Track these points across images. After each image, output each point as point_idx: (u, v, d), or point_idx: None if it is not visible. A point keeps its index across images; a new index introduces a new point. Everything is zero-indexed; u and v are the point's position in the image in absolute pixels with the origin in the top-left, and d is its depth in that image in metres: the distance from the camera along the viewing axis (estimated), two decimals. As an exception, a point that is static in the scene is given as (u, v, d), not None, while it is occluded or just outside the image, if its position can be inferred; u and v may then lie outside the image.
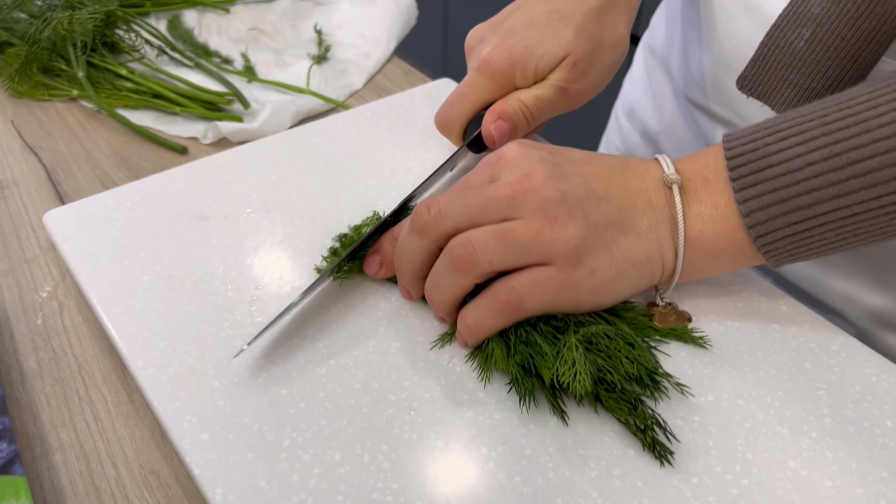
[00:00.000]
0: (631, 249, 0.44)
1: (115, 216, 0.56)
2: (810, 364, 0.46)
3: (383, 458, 0.40)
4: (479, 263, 0.43)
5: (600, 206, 0.44)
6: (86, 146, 0.67)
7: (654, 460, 0.40)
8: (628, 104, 0.80)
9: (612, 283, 0.44)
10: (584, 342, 0.43)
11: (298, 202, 0.58)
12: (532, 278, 0.43)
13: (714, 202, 0.45)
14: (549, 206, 0.43)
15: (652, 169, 0.46)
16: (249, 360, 0.45)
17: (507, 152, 0.46)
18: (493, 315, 0.43)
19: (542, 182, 0.43)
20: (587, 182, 0.44)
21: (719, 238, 0.45)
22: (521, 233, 0.42)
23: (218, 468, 0.40)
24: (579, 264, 0.43)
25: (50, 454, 0.43)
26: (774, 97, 0.50)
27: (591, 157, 0.47)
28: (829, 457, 0.41)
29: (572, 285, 0.43)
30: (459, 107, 0.57)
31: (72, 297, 0.53)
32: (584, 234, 0.43)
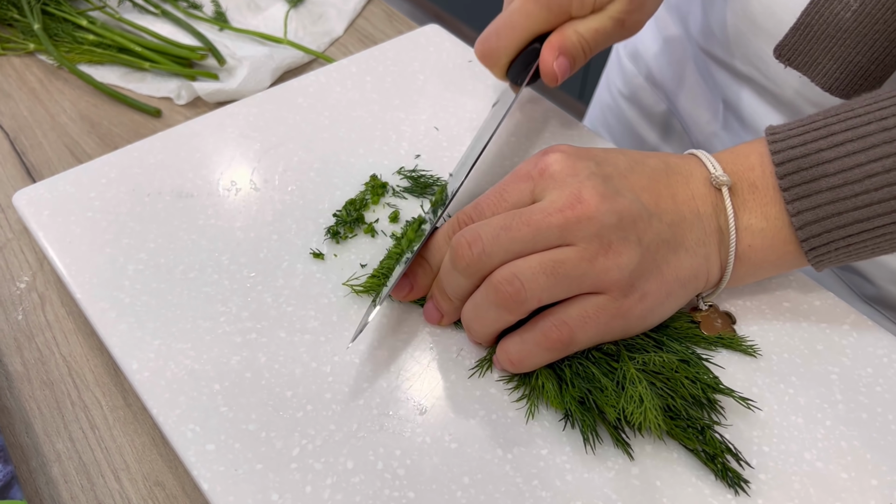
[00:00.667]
0: (680, 267, 0.42)
1: (91, 196, 0.52)
2: (822, 346, 0.45)
3: (397, 465, 0.39)
4: (526, 301, 0.40)
5: (652, 224, 0.41)
6: (50, 109, 0.63)
7: (724, 486, 0.39)
8: (631, 45, 0.76)
9: (661, 305, 0.42)
10: (643, 371, 0.41)
11: (286, 174, 0.55)
12: (583, 311, 0.40)
13: (764, 213, 0.42)
14: (604, 231, 0.39)
15: (695, 171, 0.44)
16: (250, 358, 0.43)
17: (552, 165, 0.42)
18: (540, 351, 0.41)
19: (596, 206, 0.40)
20: (638, 198, 0.41)
21: (769, 252, 0.43)
22: (574, 264, 0.39)
23: (227, 481, 0.39)
24: (631, 291, 0.40)
25: (47, 467, 0.41)
26: (815, 69, 0.47)
27: (634, 163, 0.43)
28: (844, 447, 0.41)
29: (623, 314, 0.41)
30: (509, 37, 0.52)
31: (52, 287, 0.50)
32: (639, 259, 0.40)
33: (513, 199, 0.42)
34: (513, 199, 0.42)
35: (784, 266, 0.44)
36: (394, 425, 0.41)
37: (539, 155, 0.43)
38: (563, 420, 0.41)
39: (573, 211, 0.39)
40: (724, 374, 0.43)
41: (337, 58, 0.69)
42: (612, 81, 0.82)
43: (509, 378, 0.43)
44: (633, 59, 0.77)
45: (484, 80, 0.63)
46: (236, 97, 0.63)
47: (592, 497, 0.38)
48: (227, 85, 0.63)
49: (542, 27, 0.52)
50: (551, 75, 0.51)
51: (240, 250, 0.49)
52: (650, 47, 0.74)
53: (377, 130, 0.58)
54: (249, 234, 0.50)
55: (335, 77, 0.63)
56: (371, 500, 0.38)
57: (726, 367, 0.44)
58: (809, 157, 0.41)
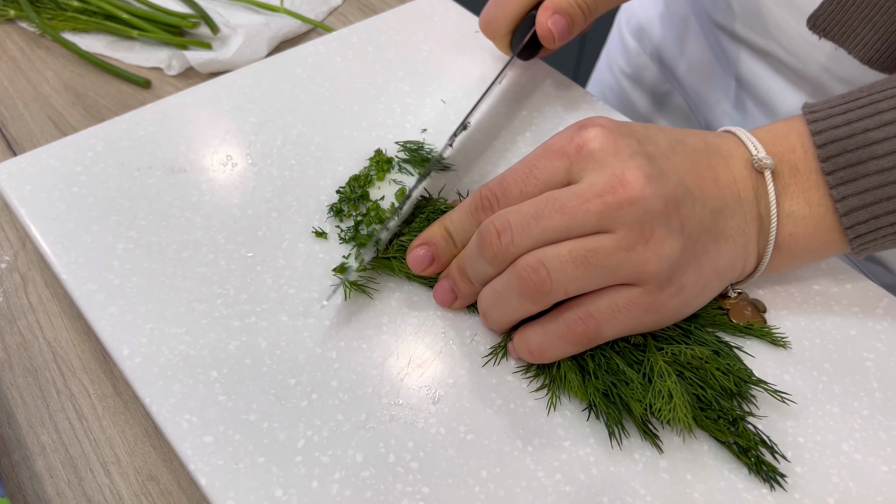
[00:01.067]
0: (718, 257, 0.39)
1: (77, 170, 0.49)
2: (855, 332, 0.43)
3: (410, 458, 0.37)
4: (552, 292, 0.37)
5: (696, 210, 0.38)
6: (32, 79, 0.59)
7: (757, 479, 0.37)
8: (635, 22, 0.73)
9: (696, 297, 0.39)
10: (672, 363, 0.38)
11: (285, 149, 0.51)
12: (612, 304, 0.37)
13: (807, 199, 0.40)
14: (647, 217, 0.36)
15: (735, 151, 0.41)
16: (250, 343, 0.40)
17: (591, 141, 0.38)
18: (562, 344, 0.38)
19: (640, 189, 0.36)
20: (682, 180, 0.38)
21: (810, 240, 0.40)
22: (608, 253, 0.36)
23: (227, 476, 0.36)
24: (668, 284, 0.37)
25: (31, 460, 0.38)
26: (854, 40, 0.44)
27: (675, 142, 0.40)
28: (883, 437, 0.39)
29: (657, 308, 0.37)
30: (506, 6, 0.50)
31: (35, 267, 0.47)
32: (681, 250, 0.37)
33: (544, 177, 0.39)
34: (544, 178, 0.38)
35: (824, 254, 0.41)
36: (405, 415, 0.38)
37: (575, 129, 0.39)
38: (587, 411, 0.39)
39: (614, 195, 0.36)
40: (753, 362, 0.41)
41: (336, 27, 0.65)
42: (614, 59, 0.79)
43: (527, 368, 0.40)
44: (637, 37, 0.74)
45: (492, 52, 0.59)
46: (231, 67, 0.60)
47: (620, 492, 0.36)
48: (222, 54, 0.59)
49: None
50: (547, 35, 0.48)
51: (237, 228, 0.46)
52: (656, 23, 0.71)
53: (381, 103, 0.55)
54: (247, 211, 0.47)
55: (335, 47, 0.60)
56: (383, 496, 0.35)
57: (756, 356, 0.41)
58: (855, 138, 0.37)
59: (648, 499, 0.36)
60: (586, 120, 0.39)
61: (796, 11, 0.51)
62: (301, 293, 0.43)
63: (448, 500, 0.35)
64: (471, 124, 0.47)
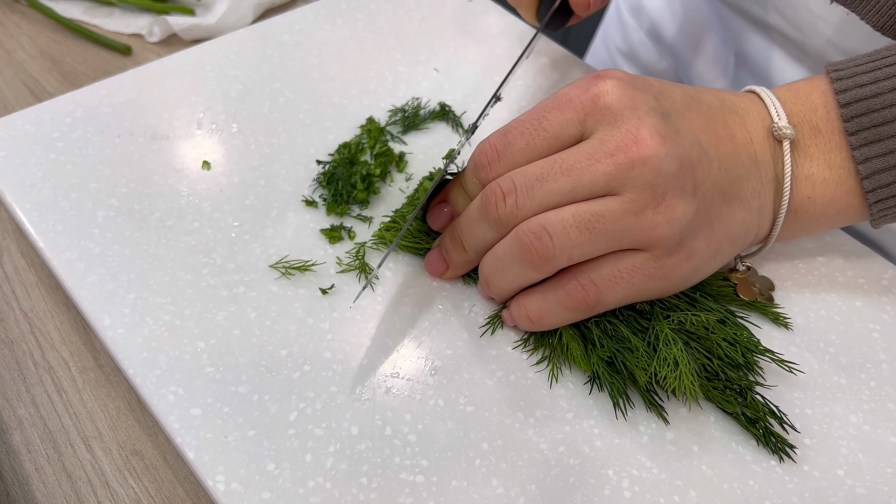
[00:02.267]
0: (731, 221, 0.37)
1: (55, 136, 0.47)
2: (861, 302, 0.42)
3: (408, 430, 0.35)
4: (554, 259, 0.35)
5: (710, 170, 0.36)
6: (6, 45, 0.56)
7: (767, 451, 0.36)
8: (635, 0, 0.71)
9: (706, 263, 0.37)
10: (678, 331, 0.37)
11: (272, 116, 0.50)
12: (616, 270, 0.35)
13: (827, 160, 0.38)
14: (660, 179, 0.34)
15: (752, 110, 0.39)
16: (238, 313, 0.39)
17: (608, 94, 0.35)
18: (562, 311, 0.36)
19: (655, 148, 0.34)
20: (697, 139, 0.36)
21: (829, 205, 0.38)
22: (614, 217, 0.34)
23: (216, 450, 0.34)
24: (677, 249, 0.35)
25: (7, 435, 0.36)
26: (866, 6, 0.43)
27: (690, 99, 0.38)
28: (891, 409, 0.38)
29: (664, 275, 0.36)
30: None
31: (10, 236, 0.45)
32: (693, 213, 0.35)
33: (554, 129, 0.36)
34: (554, 130, 0.36)
35: (841, 221, 0.40)
36: (402, 387, 0.37)
37: (590, 79, 0.36)
38: (589, 383, 0.37)
39: (627, 154, 0.34)
40: (758, 333, 0.40)
41: (324, -4, 0.63)
42: (610, 37, 0.78)
43: (526, 340, 0.39)
44: (635, 14, 0.73)
45: (486, 20, 0.58)
46: (215, 34, 0.57)
47: (625, 464, 0.35)
48: (205, 20, 0.57)
49: None
50: (583, 3, 0.45)
51: (223, 197, 0.44)
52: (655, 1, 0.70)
53: (371, 71, 0.53)
54: (233, 179, 0.45)
55: (323, 14, 0.58)
56: (380, 470, 0.34)
57: (762, 327, 0.40)
58: (881, 98, 0.36)
59: (655, 471, 0.35)
60: (602, 71, 0.37)
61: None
62: (292, 263, 0.41)
63: (448, 473, 0.34)
64: (502, 97, 0.44)
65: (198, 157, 0.46)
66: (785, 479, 0.35)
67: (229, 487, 0.33)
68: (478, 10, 0.58)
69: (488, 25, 0.57)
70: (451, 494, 0.33)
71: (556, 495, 0.34)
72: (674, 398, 0.37)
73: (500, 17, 0.58)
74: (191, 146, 0.47)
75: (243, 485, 0.33)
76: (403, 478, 0.34)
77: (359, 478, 0.34)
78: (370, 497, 0.33)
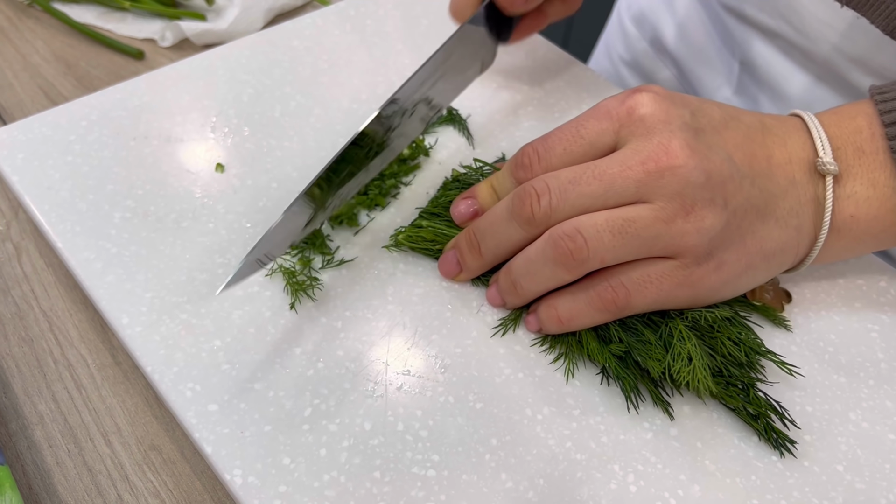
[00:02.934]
0: (766, 238, 0.38)
1: (71, 139, 0.48)
2: (860, 304, 0.43)
3: (419, 426, 0.36)
4: (588, 261, 0.36)
5: (742, 186, 0.37)
6: (21, 49, 0.58)
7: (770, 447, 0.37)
8: (637, 8, 0.72)
9: (738, 278, 0.38)
10: (691, 328, 0.38)
11: (283, 119, 0.51)
12: (645, 275, 0.37)
13: (871, 179, 0.39)
14: (688, 190, 0.35)
15: (794, 133, 0.40)
16: (253, 312, 0.40)
17: (643, 106, 0.37)
18: (591, 311, 0.38)
19: (684, 159, 0.35)
20: (730, 156, 0.37)
21: (873, 223, 0.39)
22: (646, 224, 0.35)
23: (233, 445, 0.35)
24: (707, 259, 0.36)
25: (28, 430, 0.37)
26: (877, 9, 0.44)
27: (729, 118, 0.39)
28: (890, 407, 0.39)
29: (692, 283, 0.37)
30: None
31: (29, 237, 0.46)
32: (723, 225, 0.36)
33: (590, 137, 0.38)
34: (590, 138, 0.38)
35: (886, 241, 0.40)
36: (413, 384, 0.38)
37: (627, 93, 0.38)
38: (600, 374, 0.38)
39: (657, 164, 0.35)
40: (761, 332, 0.41)
41: (333, 1, 0.64)
42: (613, 47, 0.79)
43: (542, 339, 0.40)
44: (638, 23, 0.74)
45: (492, 26, 0.59)
46: (226, 38, 0.58)
47: (631, 459, 0.36)
48: (217, 25, 0.58)
49: None
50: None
51: (237, 199, 0.45)
52: (657, 9, 0.71)
53: (380, 76, 0.54)
54: (246, 181, 0.46)
55: (333, 20, 0.59)
56: (392, 464, 0.35)
57: (763, 327, 0.41)
58: None
59: (660, 466, 0.36)
60: (640, 86, 0.38)
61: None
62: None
63: (458, 467, 0.35)
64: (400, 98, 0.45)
65: (211, 159, 0.47)
66: (786, 475, 0.36)
67: (246, 481, 0.34)
68: (484, 16, 0.59)
69: (494, 31, 0.58)
70: (461, 488, 0.34)
71: (564, 489, 0.35)
72: (678, 396, 0.38)
73: (505, 22, 0.59)
74: (204, 149, 0.48)
75: (260, 478, 0.34)
76: (415, 472, 0.35)
77: (372, 472, 0.35)
78: (383, 490, 0.34)
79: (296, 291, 0.40)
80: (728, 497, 0.35)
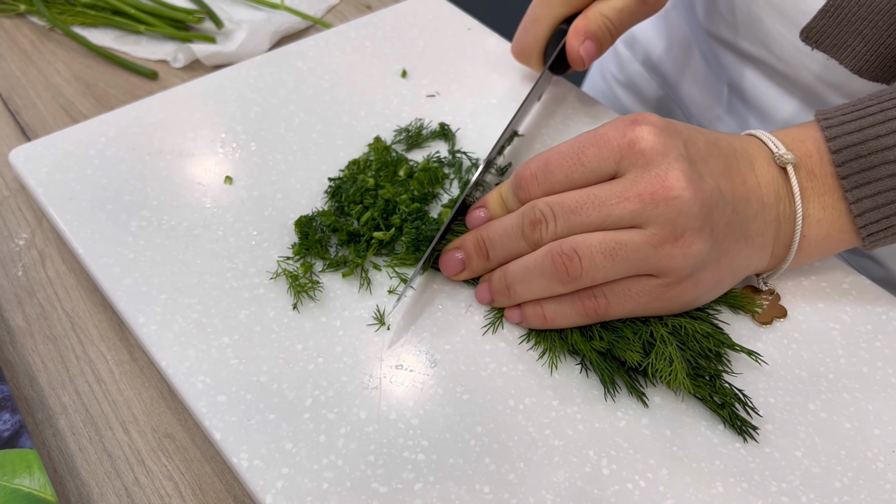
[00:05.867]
0: (737, 256, 0.42)
1: (91, 154, 0.52)
2: (823, 304, 0.46)
3: (411, 415, 0.40)
4: (581, 278, 0.40)
5: (725, 212, 0.40)
6: (43, 70, 0.62)
7: (734, 432, 0.40)
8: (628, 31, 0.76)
9: (709, 292, 0.42)
10: (671, 331, 0.41)
11: (288, 135, 0.54)
12: (627, 289, 0.40)
13: (822, 202, 0.42)
14: (681, 218, 0.38)
15: (758, 154, 0.43)
16: (259, 312, 0.43)
17: (643, 139, 0.39)
18: (573, 315, 0.41)
19: (680, 191, 0.38)
20: (717, 184, 0.40)
21: (823, 242, 0.43)
22: (636, 247, 0.39)
23: (239, 432, 0.38)
24: (687, 279, 0.40)
25: (53, 419, 0.41)
26: (844, 51, 0.47)
27: (711, 146, 0.42)
28: (847, 398, 0.42)
29: (669, 298, 0.40)
30: (535, 31, 0.53)
31: (52, 244, 0.49)
32: (707, 251, 0.39)
33: (592, 165, 0.41)
34: (591, 166, 0.41)
35: (833, 252, 0.44)
36: (405, 377, 0.41)
37: (627, 123, 0.41)
38: (579, 366, 0.42)
39: (652, 195, 0.38)
40: (728, 329, 0.44)
41: (334, 24, 0.68)
42: (607, 67, 0.82)
43: (528, 336, 0.43)
44: (630, 45, 0.77)
45: (483, 48, 0.63)
46: (234, 60, 0.62)
47: (605, 445, 0.39)
48: (226, 48, 0.62)
49: (568, 11, 0.52)
50: (578, 60, 0.51)
51: (244, 208, 0.49)
52: (649, 32, 0.74)
53: (378, 94, 0.58)
54: (253, 192, 0.50)
55: (334, 42, 0.63)
56: (386, 449, 0.38)
57: (731, 324, 0.45)
58: (867, 144, 0.40)
59: (631, 451, 0.39)
60: (638, 115, 0.41)
61: (789, 22, 0.54)
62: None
63: (446, 452, 0.38)
64: (520, 133, 0.51)
65: (220, 172, 0.51)
66: (748, 460, 0.39)
67: (252, 464, 0.37)
68: (476, 37, 0.63)
69: (485, 51, 0.62)
70: (448, 471, 0.38)
71: (542, 472, 0.38)
72: (650, 387, 0.41)
73: (497, 43, 0.63)
74: (214, 163, 0.52)
75: (264, 462, 0.37)
76: (406, 456, 0.38)
77: (367, 456, 0.38)
78: (377, 472, 0.37)
79: (298, 293, 0.44)
80: (694, 479, 0.38)
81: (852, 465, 0.39)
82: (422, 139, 0.54)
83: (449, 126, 0.55)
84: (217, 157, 0.52)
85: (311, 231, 0.46)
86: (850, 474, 0.39)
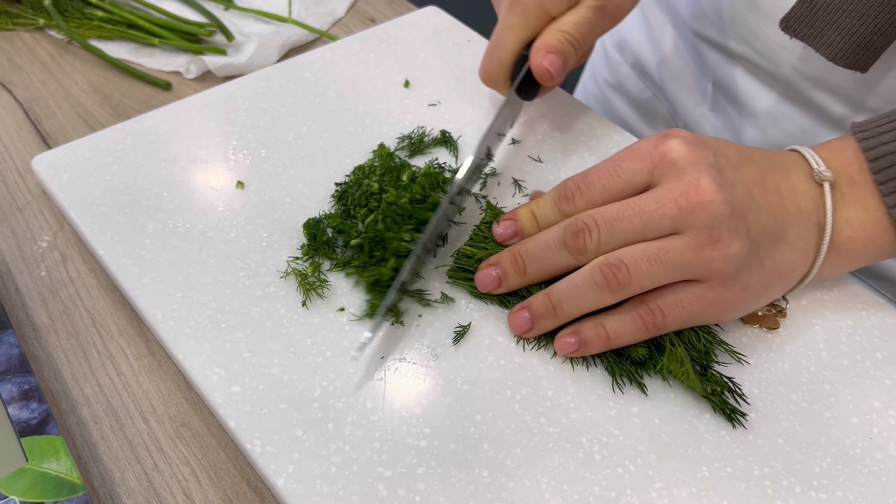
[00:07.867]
0: (781, 260, 0.44)
1: (109, 160, 0.54)
2: (806, 301, 0.48)
3: (413, 404, 0.42)
4: (629, 286, 0.41)
5: (760, 217, 0.42)
6: (62, 82, 0.64)
7: (722, 420, 0.42)
8: (618, 35, 0.79)
9: (758, 297, 0.44)
10: (677, 334, 0.44)
11: (296, 143, 0.57)
12: (678, 299, 0.42)
13: (864, 205, 0.45)
14: (716, 222, 0.40)
15: (795, 167, 0.45)
16: (270, 309, 0.46)
17: (673, 151, 0.42)
18: (635, 331, 0.43)
19: (712, 196, 0.41)
20: (749, 190, 0.43)
21: (868, 242, 0.45)
22: (678, 252, 0.41)
23: (253, 420, 0.41)
24: (733, 283, 0.42)
25: (77, 409, 0.43)
26: (820, 40, 0.50)
27: (743, 157, 0.44)
28: (827, 389, 0.44)
29: (720, 304, 0.42)
30: (499, 56, 0.54)
31: (73, 246, 0.52)
32: (746, 252, 0.41)
33: (627, 176, 0.43)
34: (626, 177, 0.43)
35: (881, 255, 0.46)
36: (408, 369, 0.43)
37: (659, 137, 0.43)
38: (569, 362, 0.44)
39: (688, 200, 0.41)
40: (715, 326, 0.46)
41: (340, 37, 0.71)
42: (598, 71, 0.85)
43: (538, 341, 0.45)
44: (619, 49, 0.80)
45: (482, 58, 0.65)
46: (245, 71, 0.65)
47: (597, 433, 0.41)
48: (236, 59, 0.65)
49: (528, 35, 0.53)
50: (544, 73, 0.51)
51: (255, 212, 0.52)
52: (636, 35, 0.77)
53: (382, 104, 0.61)
54: (264, 197, 0.53)
55: (340, 54, 0.65)
56: (390, 436, 0.40)
57: (718, 319, 0.47)
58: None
59: (622, 438, 0.41)
60: (668, 131, 0.44)
61: (769, 19, 0.57)
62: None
63: (447, 438, 0.41)
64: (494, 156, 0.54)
65: (232, 178, 0.54)
66: (732, 446, 0.41)
67: (265, 450, 0.40)
68: (475, 49, 0.66)
69: (486, 62, 0.65)
70: (448, 456, 0.40)
71: (538, 458, 0.40)
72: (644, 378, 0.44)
73: (496, 55, 0.66)
74: (226, 169, 0.54)
75: (276, 448, 0.40)
76: (409, 442, 0.40)
77: (372, 442, 0.40)
78: (382, 458, 0.40)
79: (307, 291, 0.46)
80: (681, 464, 0.40)
81: (831, 451, 0.41)
82: (424, 146, 0.57)
83: (450, 133, 0.58)
84: (229, 163, 0.55)
85: (318, 233, 0.49)
86: (829, 459, 0.41)
